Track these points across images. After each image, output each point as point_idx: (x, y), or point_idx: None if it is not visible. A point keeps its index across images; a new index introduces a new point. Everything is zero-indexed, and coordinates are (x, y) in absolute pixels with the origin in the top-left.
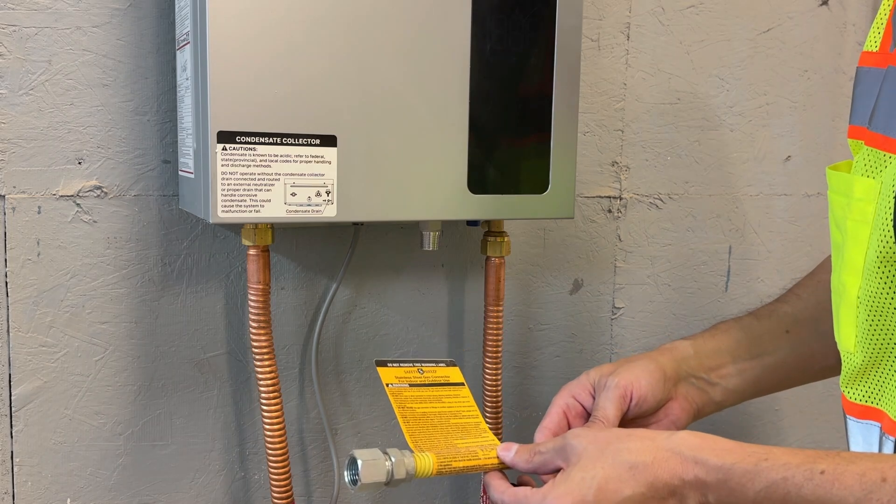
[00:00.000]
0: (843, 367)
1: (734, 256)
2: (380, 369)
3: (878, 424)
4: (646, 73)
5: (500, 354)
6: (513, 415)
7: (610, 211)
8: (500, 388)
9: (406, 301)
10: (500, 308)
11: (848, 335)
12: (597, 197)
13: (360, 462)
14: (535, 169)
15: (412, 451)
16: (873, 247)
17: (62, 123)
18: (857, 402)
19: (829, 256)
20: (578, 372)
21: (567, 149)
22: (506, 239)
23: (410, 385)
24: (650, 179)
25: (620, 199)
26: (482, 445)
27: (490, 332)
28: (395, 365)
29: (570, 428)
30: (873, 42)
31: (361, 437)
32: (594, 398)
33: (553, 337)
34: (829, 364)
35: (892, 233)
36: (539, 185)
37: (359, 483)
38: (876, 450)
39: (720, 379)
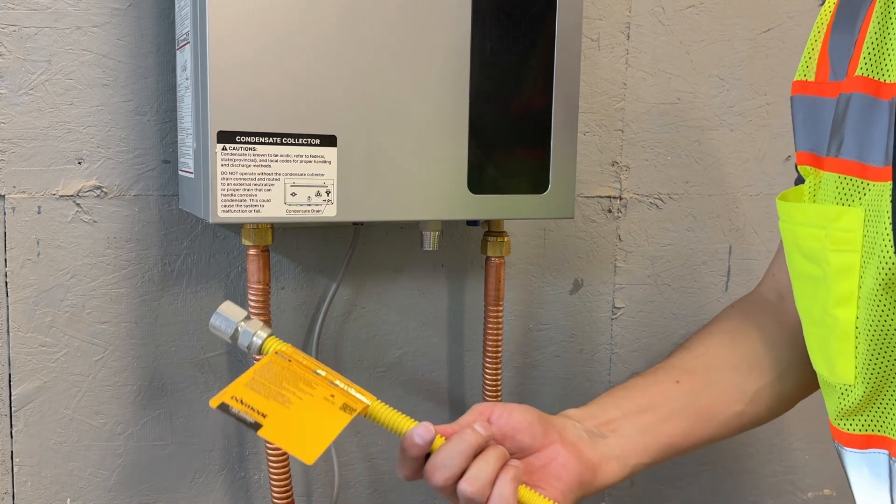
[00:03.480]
0: (836, 402)
1: (734, 256)
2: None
3: (886, 452)
4: (646, 73)
5: (500, 354)
6: None
7: (610, 211)
8: (500, 388)
9: (406, 301)
10: (500, 308)
11: (845, 369)
12: (597, 197)
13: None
14: (535, 169)
15: (271, 334)
16: (871, 274)
17: (62, 123)
18: (857, 433)
19: (724, 310)
20: (578, 372)
21: (567, 149)
22: (506, 239)
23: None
24: (650, 179)
25: (620, 199)
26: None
27: (490, 332)
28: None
29: None
30: (807, 71)
31: (362, 437)
32: None
33: (553, 337)
34: (734, 412)
35: (894, 258)
36: (539, 185)
37: (214, 315)
38: (885, 477)
39: (612, 432)
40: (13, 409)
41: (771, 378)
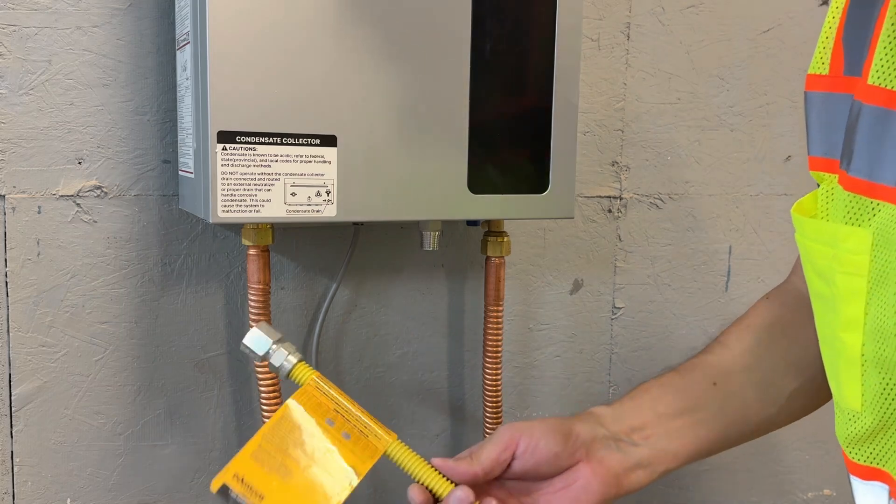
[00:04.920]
0: (844, 426)
1: (734, 256)
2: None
3: (887, 487)
4: (646, 73)
5: (500, 354)
6: (513, 415)
7: (610, 211)
8: (500, 388)
9: (406, 301)
10: (500, 308)
11: (852, 395)
12: (597, 197)
13: (252, 327)
14: (535, 169)
15: (301, 359)
16: (879, 302)
17: (62, 123)
18: (862, 462)
19: (760, 302)
20: (578, 372)
21: (567, 149)
22: (506, 239)
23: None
24: (650, 179)
25: (620, 199)
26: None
27: (490, 332)
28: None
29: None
30: (820, 64)
31: None
32: None
33: (553, 337)
34: (768, 414)
35: None
36: (539, 184)
37: (247, 335)
38: None
39: (644, 440)
40: (13, 409)
41: (806, 378)
